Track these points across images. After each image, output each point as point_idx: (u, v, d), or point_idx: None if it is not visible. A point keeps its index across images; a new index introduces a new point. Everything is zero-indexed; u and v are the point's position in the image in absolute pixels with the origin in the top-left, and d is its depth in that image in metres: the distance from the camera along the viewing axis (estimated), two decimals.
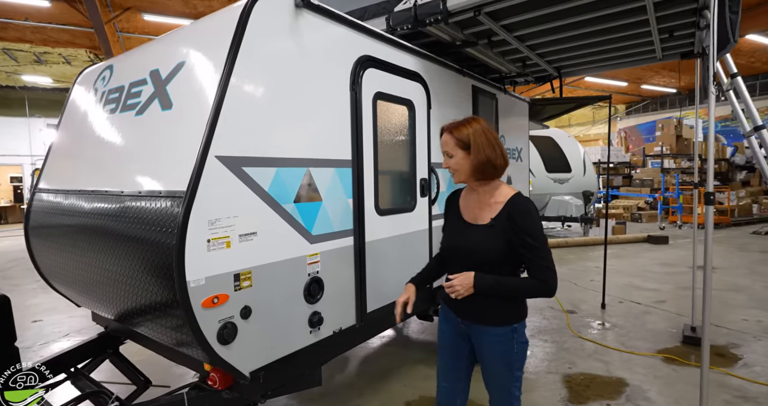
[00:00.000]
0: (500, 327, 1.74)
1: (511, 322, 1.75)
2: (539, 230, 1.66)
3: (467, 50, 3.39)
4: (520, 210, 1.67)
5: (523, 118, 4.87)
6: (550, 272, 1.64)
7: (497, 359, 1.77)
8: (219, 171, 1.72)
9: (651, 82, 18.44)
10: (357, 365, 3.75)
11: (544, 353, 3.87)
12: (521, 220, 1.65)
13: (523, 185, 4.88)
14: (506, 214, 1.68)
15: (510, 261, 1.71)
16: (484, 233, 1.71)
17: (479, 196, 1.80)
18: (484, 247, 1.70)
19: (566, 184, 10.42)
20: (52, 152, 2.81)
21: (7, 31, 10.15)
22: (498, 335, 1.75)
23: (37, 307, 5.58)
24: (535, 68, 4.23)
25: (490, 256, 1.69)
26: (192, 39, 2.10)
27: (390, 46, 2.69)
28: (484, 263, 1.70)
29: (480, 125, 1.73)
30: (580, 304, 5.30)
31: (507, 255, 1.68)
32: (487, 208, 1.75)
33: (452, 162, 1.75)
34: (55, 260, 2.56)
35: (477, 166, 1.70)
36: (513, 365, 1.77)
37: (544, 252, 1.64)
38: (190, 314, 1.64)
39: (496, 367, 1.78)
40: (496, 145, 1.72)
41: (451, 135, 1.74)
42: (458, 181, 1.79)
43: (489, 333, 1.76)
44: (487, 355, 1.80)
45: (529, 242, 1.63)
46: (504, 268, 1.71)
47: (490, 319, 1.75)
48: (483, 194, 1.78)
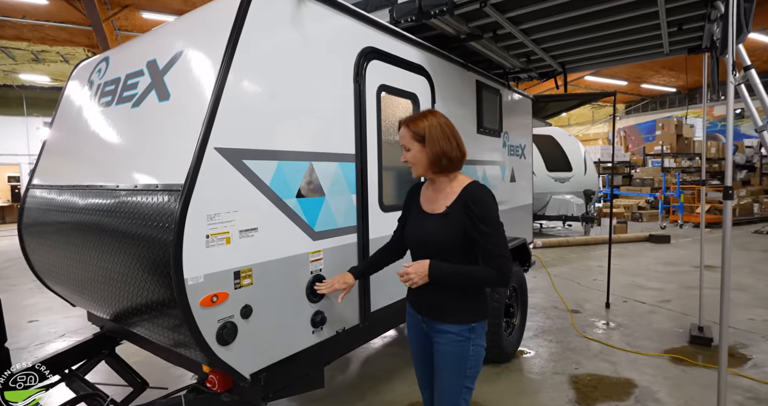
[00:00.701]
0: (457, 325, 1.70)
1: (468, 320, 1.70)
2: (494, 217, 1.64)
3: (472, 44, 3.32)
4: (475, 197, 1.65)
5: (527, 115, 4.80)
6: (504, 259, 1.61)
7: (449, 361, 1.71)
8: (218, 163, 1.64)
9: (651, 82, 18.41)
10: (359, 365, 3.68)
11: (549, 353, 3.80)
12: (475, 207, 1.63)
13: (527, 183, 4.81)
14: (461, 202, 1.67)
15: (466, 251, 1.68)
16: (439, 222, 1.70)
17: (438, 188, 1.79)
18: (439, 235, 1.68)
19: (567, 183, 10.36)
20: (46, 148, 2.73)
21: (5, 29, 10.06)
22: (454, 334, 1.69)
23: (34, 307, 5.50)
24: (540, 64, 4.16)
25: (445, 245, 1.67)
26: (191, 28, 2.02)
27: (394, 38, 2.62)
28: (439, 252, 1.68)
29: (436, 118, 1.72)
30: (584, 303, 5.23)
31: (462, 244, 1.67)
32: (443, 197, 1.74)
33: (409, 155, 1.75)
34: (49, 258, 2.48)
35: (432, 159, 1.70)
36: (464, 371, 1.70)
37: (498, 239, 1.62)
38: (188, 314, 1.56)
39: (447, 371, 1.71)
40: (452, 138, 1.71)
41: (408, 128, 1.73)
42: (417, 174, 1.77)
43: (445, 331, 1.71)
44: (440, 356, 1.74)
45: (483, 229, 1.61)
46: (459, 257, 1.68)
47: (447, 314, 1.71)
48: (441, 185, 1.77)
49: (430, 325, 1.78)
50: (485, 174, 3.72)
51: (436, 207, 1.75)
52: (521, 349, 3.86)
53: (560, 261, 7.75)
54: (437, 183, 1.78)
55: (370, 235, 2.41)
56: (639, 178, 15.04)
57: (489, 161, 3.82)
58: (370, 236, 2.41)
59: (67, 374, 2.48)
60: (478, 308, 1.74)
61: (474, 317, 1.72)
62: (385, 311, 2.55)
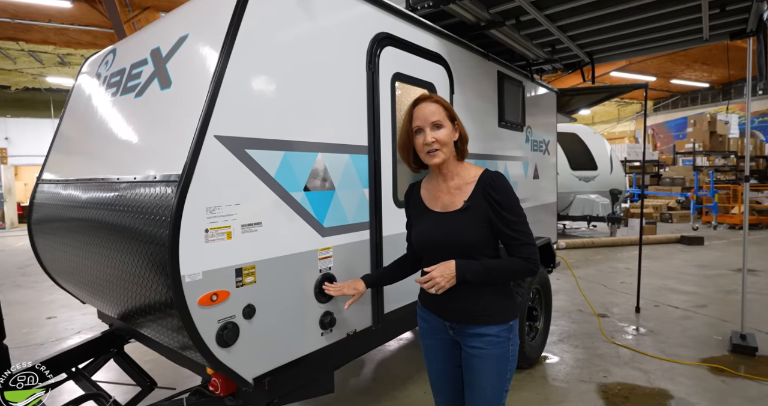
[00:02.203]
0: (496, 326, 1.55)
1: (507, 318, 1.57)
2: (517, 204, 1.54)
3: (492, 32, 3.15)
4: (495, 185, 1.53)
5: (551, 109, 4.58)
6: (532, 247, 1.51)
7: (490, 365, 1.55)
8: (219, 153, 1.53)
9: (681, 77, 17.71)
10: (373, 369, 3.54)
11: (575, 359, 3.59)
12: (497, 194, 1.51)
13: (551, 180, 4.59)
14: (480, 191, 1.54)
15: (491, 244, 1.56)
16: (460, 219, 1.54)
17: (445, 182, 1.63)
18: (462, 233, 1.53)
19: (592, 182, 9.99)
20: (55, 143, 2.69)
21: (32, 33, 10.33)
22: (494, 335, 1.55)
23: (53, 304, 5.56)
24: (565, 54, 3.95)
25: (470, 242, 1.53)
26: (195, 11, 1.92)
27: (410, 24, 2.48)
28: (464, 251, 1.53)
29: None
30: (611, 307, 4.97)
31: (488, 237, 1.54)
32: (456, 192, 1.59)
33: (442, 134, 1.55)
34: (57, 255, 2.43)
35: (458, 141, 1.60)
36: (505, 374, 1.57)
37: (523, 226, 1.52)
38: (185, 313, 1.45)
39: (488, 377, 1.56)
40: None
41: (440, 104, 1.57)
42: (442, 158, 1.57)
43: (482, 334, 1.55)
44: (478, 361, 1.56)
45: (508, 217, 1.50)
46: (486, 252, 1.55)
47: (484, 316, 1.55)
48: (450, 177, 1.62)
49: (460, 330, 1.60)
50: (506, 170, 3.53)
51: (449, 204, 1.58)
52: (545, 354, 3.66)
53: (585, 263, 7.44)
54: (446, 174, 1.62)
55: (384, 232, 2.27)
56: (669, 178, 14.45)
57: (511, 157, 3.63)
58: (384, 233, 2.27)
59: (74, 372, 2.43)
60: (513, 303, 1.62)
61: (511, 314, 1.59)
62: (399, 312, 2.40)
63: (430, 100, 1.59)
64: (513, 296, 1.63)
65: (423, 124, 1.56)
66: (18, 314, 5.16)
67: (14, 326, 4.73)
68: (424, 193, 1.69)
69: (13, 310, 5.30)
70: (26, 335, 4.46)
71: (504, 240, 1.54)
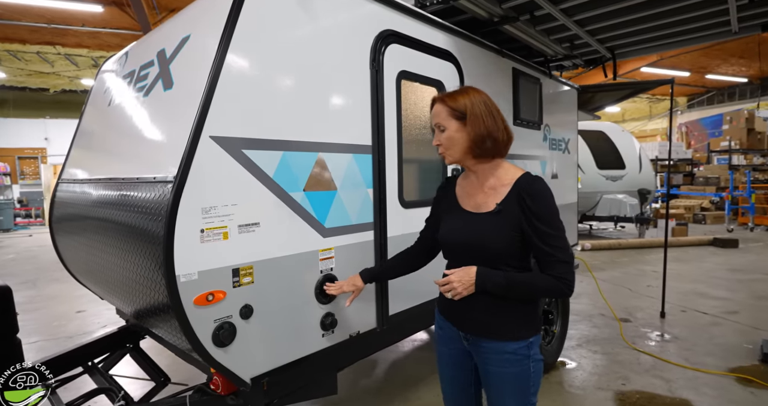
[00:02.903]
0: (513, 342, 1.43)
1: (526, 335, 1.45)
2: (555, 216, 1.38)
3: (506, 28, 3.07)
4: (532, 191, 1.39)
5: (571, 107, 4.44)
6: (567, 266, 1.36)
7: (509, 384, 1.45)
8: (214, 153, 1.54)
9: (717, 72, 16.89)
10: (386, 370, 3.52)
11: (593, 365, 3.47)
12: (532, 202, 1.37)
13: (571, 181, 4.45)
14: (515, 197, 1.41)
15: (523, 256, 1.44)
16: (489, 222, 1.43)
17: (479, 180, 1.51)
18: (492, 239, 1.41)
19: (620, 181, 9.68)
20: (73, 143, 2.78)
21: (67, 37, 10.77)
22: (511, 353, 1.43)
23: (82, 298, 5.77)
24: (585, 49, 3.81)
25: (497, 249, 1.41)
26: (197, 11, 1.94)
27: (417, 21, 2.43)
28: (491, 259, 1.42)
29: (479, 95, 1.47)
30: (635, 311, 4.78)
31: (520, 248, 1.41)
32: (491, 192, 1.47)
33: (444, 136, 1.47)
34: (74, 253, 2.51)
35: (475, 140, 1.43)
36: (528, 390, 1.45)
37: (560, 241, 1.36)
38: (180, 313, 1.47)
39: (507, 394, 1.46)
40: (498, 116, 1.45)
41: (444, 104, 1.46)
42: (452, 160, 1.50)
43: (500, 350, 1.44)
44: (496, 379, 1.47)
45: (542, 229, 1.36)
46: (515, 264, 1.42)
47: (501, 331, 1.45)
48: (484, 177, 1.50)
49: (475, 343, 1.51)
50: None
51: (482, 204, 1.47)
52: (562, 359, 3.55)
53: (610, 265, 7.21)
54: (479, 173, 1.51)
55: (388, 232, 2.24)
56: (702, 177, 13.84)
57: (527, 155, 3.54)
58: (388, 234, 2.24)
59: (89, 366, 2.50)
60: (535, 319, 1.50)
61: (531, 330, 1.47)
62: (405, 314, 2.37)
63: (436, 100, 1.51)
64: (536, 310, 1.51)
65: (433, 125, 1.53)
66: (52, 307, 5.40)
67: (47, 319, 4.95)
68: (458, 189, 1.59)
69: (48, 304, 5.55)
70: (56, 328, 4.66)
71: (536, 254, 1.40)
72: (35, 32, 10.36)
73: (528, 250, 1.43)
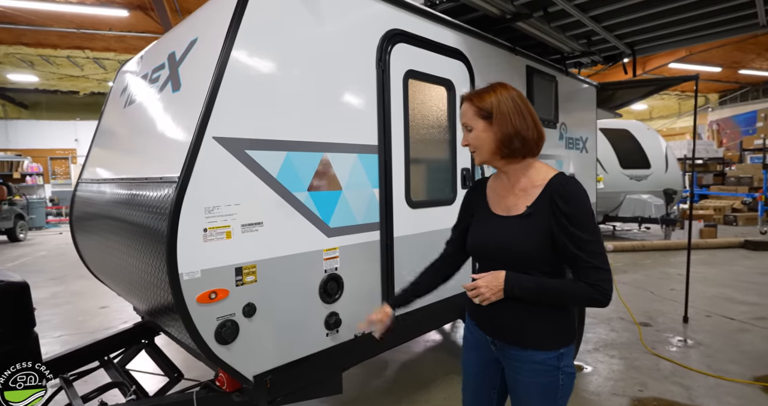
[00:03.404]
0: (543, 352, 1.37)
1: (558, 345, 1.38)
2: (591, 219, 1.30)
3: (519, 25, 3.01)
4: (565, 193, 1.31)
5: (590, 105, 4.33)
6: (604, 274, 1.27)
7: (535, 394, 1.39)
8: (217, 154, 1.57)
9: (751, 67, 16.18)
10: (396, 370, 3.51)
11: (610, 370, 3.37)
12: (566, 205, 1.29)
13: (590, 180, 4.34)
14: (547, 199, 1.33)
15: (553, 259, 1.36)
16: (519, 226, 1.36)
17: (510, 181, 1.44)
18: (520, 243, 1.35)
19: (644, 181, 9.39)
20: (93, 144, 2.87)
21: (95, 41, 11.15)
22: (539, 363, 1.37)
23: (106, 294, 5.93)
24: (603, 46, 3.71)
25: (526, 253, 1.34)
26: (205, 14, 1.97)
27: (424, 20, 2.41)
28: (519, 264, 1.35)
29: (508, 92, 1.39)
30: (656, 316, 4.64)
31: (551, 254, 1.34)
32: (521, 194, 1.40)
33: (471, 136, 1.42)
34: (92, 250, 2.60)
35: (502, 140, 1.37)
36: (556, 402, 1.39)
37: (596, 248, 1.28)
38: (183, 310, 1.50)
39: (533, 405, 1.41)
40: (528, 114, 1.38)
41: (471, 103, 1.41)
42: (481, 160, 1.44)
43: (527, 360, 1.39)
44: (523, 389, 1.42)
45: (577, 234, 1.27)
46: (543, 268, 1.36)
47: (532, 339, 1.38)
48: (515, 178, 1.43)
49: (503, 350, 1.45)
50: None
51: (511, 206, 1.41)
52: (577, 363, 3.47)
53: (633, 267, 7.00)
54: (509, 174, 1.44)
55: (395, 232, 2.23)
56: (734, 177, 13.29)
57: (541, 155, 3.45)
58: (395, 234, 2.23)
59: (105, 360, 2.58)
60: (567, 328, 1.42)
61: (563, 341, 1.39)
62: (413, 315, 2.35)
63: (465, 99, 1.45)
64: (569, 318, 1.43)
65: (462, 125, 1.48)
66: (77, 303, 5.60)
67: (72, 314, 5.14)
68: (489, 192, 1.53)
69: (74, 299, 5.76)
70: (81, 323, 4.83)
71: (569, 260, 1.32)
72: (65, 37, 10.76)
73: (559, 254, 1.35)
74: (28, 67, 12.92)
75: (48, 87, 15.29)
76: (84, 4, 8.89)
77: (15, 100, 16.70)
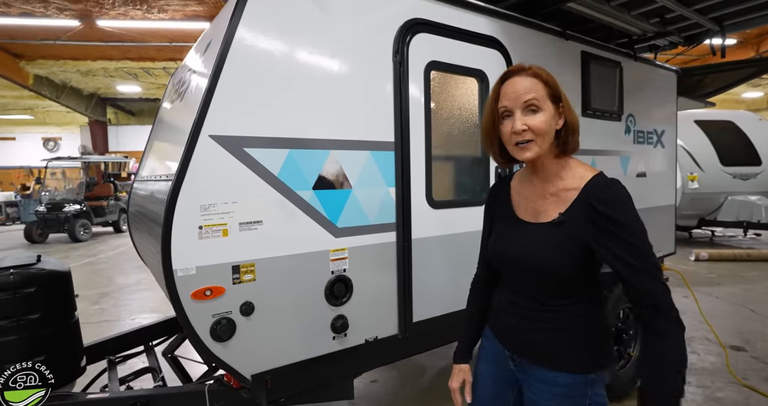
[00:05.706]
0: (568, 375, 1.18)
1: (586, 369, 1.18)
2: (638, 223, 1.08)
3: (571, 6, 2.70)
4: (604, 196, 1.10)
5: (668, 93, 3.79)
6: (663, 286, 1.05)
7: None
8: (214, 152, 1.57)
9: None
10: (433, 376, 3.36)
11: (683, 400, 2.91)
12: (609, 208, 1.08)
13: (666, 178, 3.81)
14: (583, 204, 1.13)
15: (584, 279, 1.17)
16: (548, 235, 1.17)
17: (541, 183, 1.24)
18: (544, 254, 1.16)
19: (752, 180, 8.13)
20: (146, 145, 3.10)
21: (185, 52, 12.25)
22: (562, 386, 1.19)
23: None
24: (682, 24, 3.21)
25: (556, 268, 1.15)
26: (222, 12, 2.01)
27: (450, 6, 2.23)
28: (545, 280, 1.18)
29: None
30: (754, 339, 3.94)
31: (578, 269, 1.15)
32: (553, 199, 1.20)
33: (538, 120, 1.13)
34: (139, 242, 2.80)
35: (566, 131, 1.18)
36: None
37: (650, 255, 1.06)
38: (177, 305, 1.53)
39: None
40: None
41: (540, 79, 1.15)
42: (532, 156, 1.16)
43: (550, 381, 1.20)
44: None
45: (628, 241, 1.06)
46: (573, 289, 1.18)
47: (557, 357, 1.19)
48: (547, 179, 1.22)
49: (523, 367, 1.27)
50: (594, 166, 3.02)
51: (540, 211, 1.22)
52: None
53: (731, 279, 6.07)
54: (542, 177, 1.23)
55: (413, 234, 2.11)
56: None
57: (600, 151, 3.10)
58: (413, 236, 2.10)
59: (149, 346, 2.77)
60: (601, 351, 1.22)
61: (594, 364, 1.19)
62: (434, 322, 2.21)
63: (524, 72, 1.16)
64: (605, 339, 1.24)
65: (512, 105, 1.15)
66: (157, 290, 6.17)
67: (147, 301, 5.66)
68: (513, 193, 1.33)
69: (155, 286, 6.35)
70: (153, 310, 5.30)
71: (620, 275, 1.08)
72: (161, 51, 11.98)
73: (594, 273, 1.18)
74: (133, 79, 14.61)
75: (149, 96, 17.14)
76: (174, 20, 9.81)
77: (125, 108, 18.99)
